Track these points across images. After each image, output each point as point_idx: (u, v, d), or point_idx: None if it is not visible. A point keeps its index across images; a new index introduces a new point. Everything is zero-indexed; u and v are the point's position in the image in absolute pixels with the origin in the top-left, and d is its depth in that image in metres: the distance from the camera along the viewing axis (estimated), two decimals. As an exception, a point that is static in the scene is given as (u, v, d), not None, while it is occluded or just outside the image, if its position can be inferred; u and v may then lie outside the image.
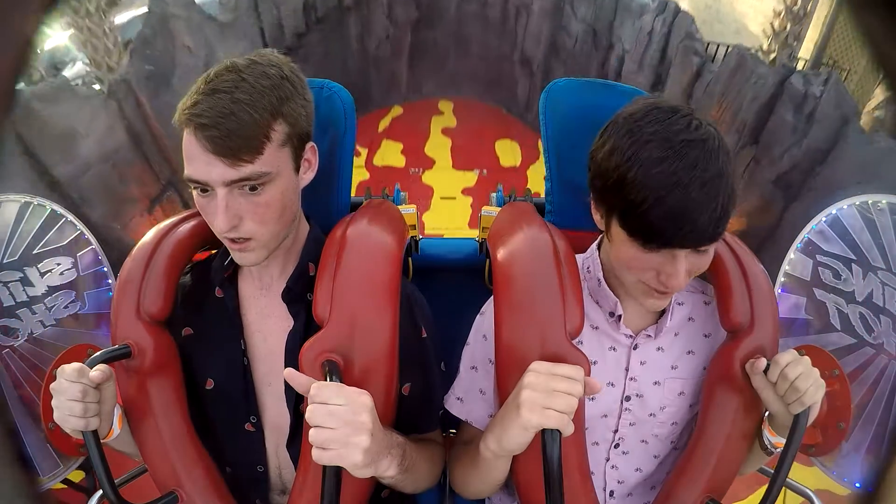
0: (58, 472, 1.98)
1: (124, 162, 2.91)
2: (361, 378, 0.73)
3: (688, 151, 0.67)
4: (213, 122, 0.65)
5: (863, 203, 2.11)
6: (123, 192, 2.94)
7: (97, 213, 2.78)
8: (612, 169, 0.71)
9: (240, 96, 0.67)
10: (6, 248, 2.04)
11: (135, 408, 0.80)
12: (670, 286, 0.71)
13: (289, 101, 0.72)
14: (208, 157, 0.67)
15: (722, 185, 0.66)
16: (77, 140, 2.61)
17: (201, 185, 0.69)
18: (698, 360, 0.89)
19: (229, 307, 0.83)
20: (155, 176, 3.15)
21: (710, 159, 0.67)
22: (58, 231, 2.16)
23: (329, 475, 0.63)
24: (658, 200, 0.67)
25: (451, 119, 4.97)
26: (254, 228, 0.71)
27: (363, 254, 0.80)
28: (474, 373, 0.90)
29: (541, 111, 1.01)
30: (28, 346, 2.04)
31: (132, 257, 0.83)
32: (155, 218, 3.21)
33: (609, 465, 0.92)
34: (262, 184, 0.70)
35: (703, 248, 0.70)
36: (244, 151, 0.67)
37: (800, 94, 2.65)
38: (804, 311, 2.26)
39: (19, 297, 2.04)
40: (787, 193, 2.91)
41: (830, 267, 2.16)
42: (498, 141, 4.74)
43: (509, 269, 0.81)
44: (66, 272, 2.16)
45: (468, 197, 4.21)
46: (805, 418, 0.72)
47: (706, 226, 0.66)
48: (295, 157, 0.75)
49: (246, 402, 0.84)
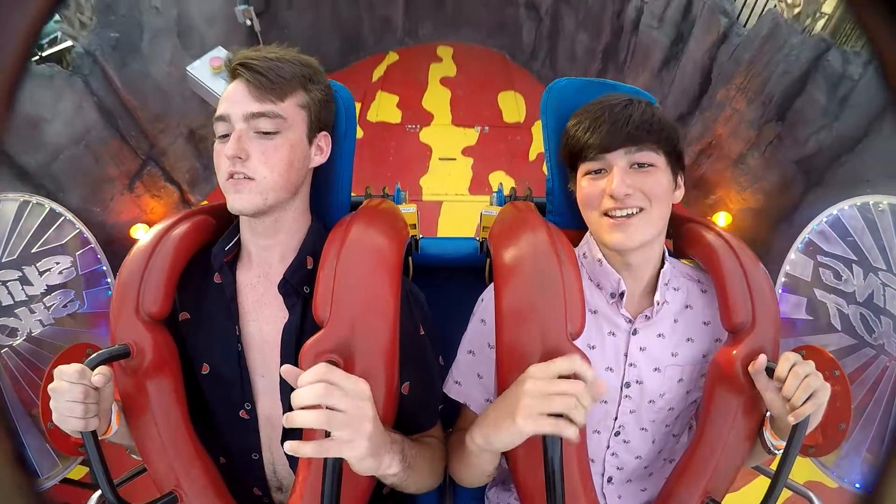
0: (57, 471, 2.02)
1: (98, 141, 2.69)
2: (362, 378, 0.71)
3: (611, 98, 0.86)
4: (258, 62, 0.79)
5: (864, 204, 2.03)
6: (100, 172, 2.76)
7: (74, 198, 2.62)
8: (566, 131, 0.90)
9: (283, 57, 0.82)
10: (5, 247, 1.99)
11: (134, 407, 0.81)
12: (615, 192, 0.81)
13: (313, 82, 0.84)
14: (241, 94, 0.79)
15: (642, 109, 0.83)
16: (42, 125, 2.39)
17: (226, 121, 0.79)
18: (697, 347, 0.90)
19: (227, 293, 0.85)
20: (132, 151, 2.94)
21: (645, 103, 0.85)
22: (56, 230, 2.11)
23: (329, 472, 0.63)
24: (588, 123, 0.85)
25: (450, 67, 4.59)
26: (258, 167, 0.77)
27: (363, 254, 0.80)
28: (472, 357, 0.92)
29: (542, 110, 1.02)
30: (27, 346, 2.04)
31: (131, 257, 0.84)
32: (136, 195, 3.04)
33: (609, 453, 0.92)
34: (277, 128, 0.79)
35: (637, 159, 0.82)
36: (274, 91, 0.79)
37: (836, 73, 2.41)
38: (804, 311, 2.24)
39: (18, 296, 2.02)
40: (809, 177, 2.74)
41: (831, 267, 2.13)
42: (501, 93, 4.41)
43: (510, 270, 0.81)
44: (64, 271, 2.13)
45: (469, 158, 3.99)
46: (804, 427, 0.72)
47: (624, 127, 0.81)
48: (309, 127, 0.84)
49: (241, 389, 0.85)
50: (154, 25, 2.75)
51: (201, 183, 3.47)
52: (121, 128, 2.82)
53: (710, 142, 3.26)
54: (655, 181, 0.82)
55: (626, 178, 0.81)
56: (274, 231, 0.84)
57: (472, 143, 4.09)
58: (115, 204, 2.88)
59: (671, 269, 0.91)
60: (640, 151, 0.82)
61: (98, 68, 2.57)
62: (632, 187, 0.81)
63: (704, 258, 0.91)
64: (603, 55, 3.89)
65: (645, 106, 0.84)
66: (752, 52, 2.74)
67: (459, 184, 3.86)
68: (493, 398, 0.87)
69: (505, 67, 4.65)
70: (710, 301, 0.91)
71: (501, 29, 4.56)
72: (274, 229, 0.84)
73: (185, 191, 3.35)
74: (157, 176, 3.14)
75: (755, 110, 2.87)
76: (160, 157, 3.12)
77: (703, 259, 0.92)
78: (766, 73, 2.72)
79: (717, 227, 0.95)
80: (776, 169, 2.88)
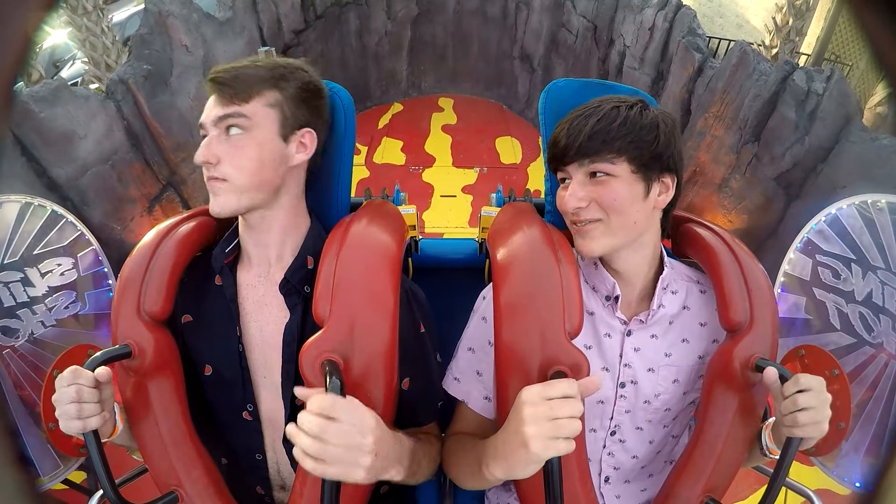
0: (58, 472, 1.99)
1: (123, 162, 2.89)
2: (361, 378, 0.73)
3: (595, 104, 0.84)
4: (224, 72, 0.81)
5: (862, 203, 2.12)
6: (123, 192, 2.93)
7: (97, 214, 2.77)
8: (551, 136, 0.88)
9: (249, 64, 0.83)
10: (7, 249, 2.05)
11: (135, 407, 0.81)
12: (565, 206, 0.83)
13: (287, 80, 0.84)
14: (212, 102, 0.82)
15: (601, 114, 0.81)
16: (75, 141, 2.59)
17: (202, 129, 0.82)
18: (693, 347, 0.90)
19: (227, 294, 0.85)
20: (154, 176, 3.13)
21: (605, 104, 0.83)
22: (58, 231, 2.18)
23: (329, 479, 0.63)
24: (557, 132, 0.85)
25: (451, 116, 4.94)
26: (228, 170, 0.79)
27: (363, 254, 0.80)
28: (471, 354, 0.91)
29: (540, 111, 1.02)
30: (28, 347, 2.06)
31: (133, 257, 0.84)
32: (155, 218, 3.20)
33: (606, 453, 0.93)
34: (241, 129, 0.80)
35: (592, 170, 0.81)
36: (238, 94, 0.80)
37: (802, 91, 2.63)
38: (804, 310, 2.26)
39: (20, 298, 2.06)
40: (789, 191, 2.88)
41: (830, 266, 2.18)
42: (498, 138, 4.71)
43: (509, 270, 0.81)
44: (66, 272, 2.18)
45: (468, 195, 4.20)
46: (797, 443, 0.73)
47: (577, 138, 0.81)
48: (282, 124, 0.83)
49: (242, 389, 0.85)
50: (183, 62, 3.05)
51: (216, 212, 3.64)
52: (145, 152, 3.03)
53: (694, 169, 3.46)
54: (610, 192, 0.80)
55: (580, 190, 0.81)
56: (264, 229, 0.85)
57: (471, 181, 4.32)
58: (134, 224, 3.04)
59: (671, 271, 0.90)
60: (594, 163, 0.81)
61: (130, 95, 2.82)
62: (586, 199, 0.81)
63: (702, 258, 0.91)
64: (592, 99, 4.20)
65: (611, 111, 0.81)
66: (725, 80, 2.99)
67: (460, 217, 4.04)
68: (491, 396, 0.88)
69: (502, 115, 5.00)
70: (708, 302, 0.91)
71: (498, 81, 4.95)
72: (264, 227, 0.85)
73: (200, 218, 3.51)
74: (176, 202, 3.33)
75: (733, 134, 3.07)
76: (180, 184, 3.32)
77: (701, 259, 0.92)
78: (739, 99, 2.95)
79: (715, 226, 0.96)
80: (757, 188, 3.03)
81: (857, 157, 2.47)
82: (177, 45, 2.98)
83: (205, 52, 3.18)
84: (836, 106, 2.53)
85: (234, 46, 3.37)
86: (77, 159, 2.63)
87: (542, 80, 4.58)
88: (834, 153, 2.58)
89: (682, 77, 3.29)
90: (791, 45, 2.95)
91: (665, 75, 3.48)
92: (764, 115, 2.89)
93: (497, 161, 4.50)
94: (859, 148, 2.45)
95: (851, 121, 2.50)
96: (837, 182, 2.57)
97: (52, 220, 2.16)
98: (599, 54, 3.91)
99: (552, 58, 4.35)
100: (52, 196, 2.52)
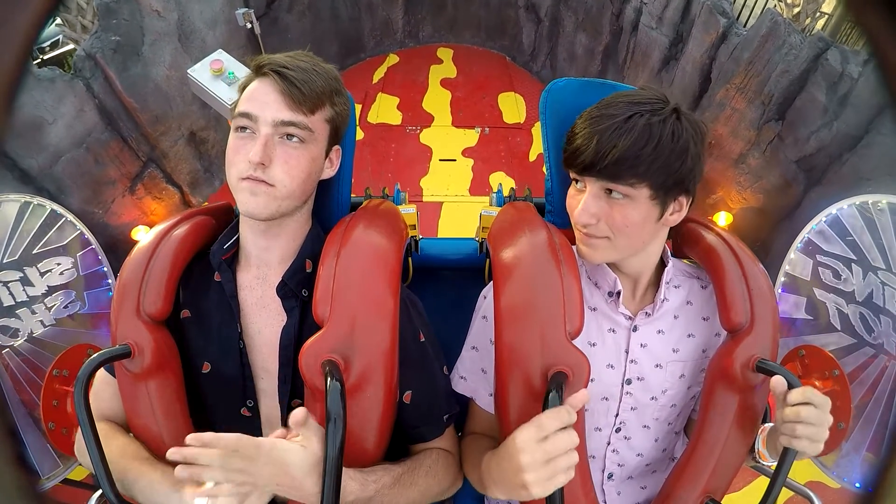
0: (58, 472, 2.02)
1: (98, 144, 2.69)
2: (361, 378, 0.73)
3: (621, 106, 0.77)
4: (294, 72, 0.78)
5: (863, 203, 2.03)
6: (101, 175, 2.76)
7: (76, 201, 2.62)
8: (571, 129, 0.83)
9: (315, 69, 0.81)
10: (6, 248, 2.00)
11: (135, 407, 0.81)
12: (576, 219, 0.80)
13: (339, 95, 0.85)
14: (274, 96, 0.77)
15: (634, 137, 0.74)
16: (44, 128, 2.39)
17: (251, 119, 0.77)
18: (698, 342, 0.91)
19: (227, 291, 0.84)
20: (133, 153, 2.94)
21: (638, 118, 0.75)
22: (58, 231, 2.12)
23: (329, 471, 0.63)
24: (580, 133, 0.79)
25: (450, 69, 4.61)
26: (279, 175, 0.77)
27: (363, 254, 0.80)
28: (475, 353, 0.93)
29: (541, 111, 1.01)
30: (28, 346, 2.05)
31: (132, 258, 0.84)
32: (137, 197, 3.04)
33: (610, 450, 0.92)
34: (300, 140, 0.79)
35: (610, 187, 0.77)
36: (306, 103, 0.78)
37: (836, 72, 2.40)
38: (804, 310, 2.23)
39: (19, 297, 2.03)
40: (810, 176, 2.73)
41: (830, 267, 2.13)
42: (501, 94, 4.42)
43: (509, 269, 0.81)
44: (65, 272, 2.14)
45: (469, 159, 3.99)
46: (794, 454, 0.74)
47: (605, 158, 0.75)
48: (329, 141, 0.85)
49: (242, 386, 0.85)
50: (155, 29, 2.76)
51: (202, 185, 3.48)
52: (122, 130, 2.82)
53: (710, 142, 3.26)
54: (623, 217, 0.78)
55: (593, 205, 0.78)
56: (276, 234, 0.84)
57: (472, 143, 4.09)
58: (116, 206, 2.89)
59: (672, 268, 0.91)
60: (614, 183, 0.77)
61: (99, 71, 2.58)
62: (596, 216, 0.79)
63: (704, 258, 0.91)
64: (602, 56, 3.90)
65: (644, 129, 0.74)
66: (752, 51, 2.73)
67: (460, 184, 3.86)
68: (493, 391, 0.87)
69: (505, 69, 4.66)
70: (710, 296, 0.92)
71: (501, 31, 4.57)
72: (276, 233, 0.84)
73: (186, 192, 3.35)
74: (158, 178, 3.15)
75: (755, 110, 2.86)
76: (161, 159, 3.13)
77: (703, 259, 0.92)
78: (766, 73, 2.72)
79: (716, 226, 0.95)
80: (777, 168, 2.87)
81: (886, 150, 2.30)
82: (147, 10, 2.68)
83: (178, 16, 2.87)
84: (870, 93, 2.32)
85: (211, 7, 3.05)
86: (48, 147, 2.44)
87: (548, 31, 4.23)
88: (863, 143, 2.40)
89: (705, 42, 3.02)
90: (814, 6, 2.67)
91: (685, 38, 3.19)
92: (791, 93, 2.67)
93: (500, 120, 4.24)
94: (890, 141, 2.27)
95: (885, 111, 2.30)
96: (863, 174, 2.41)
97: (52, 219, 2.13)
98: (613, 9, 3.57)
99: (561, 9, 3.98)
100: (27, 189, 2.37)
